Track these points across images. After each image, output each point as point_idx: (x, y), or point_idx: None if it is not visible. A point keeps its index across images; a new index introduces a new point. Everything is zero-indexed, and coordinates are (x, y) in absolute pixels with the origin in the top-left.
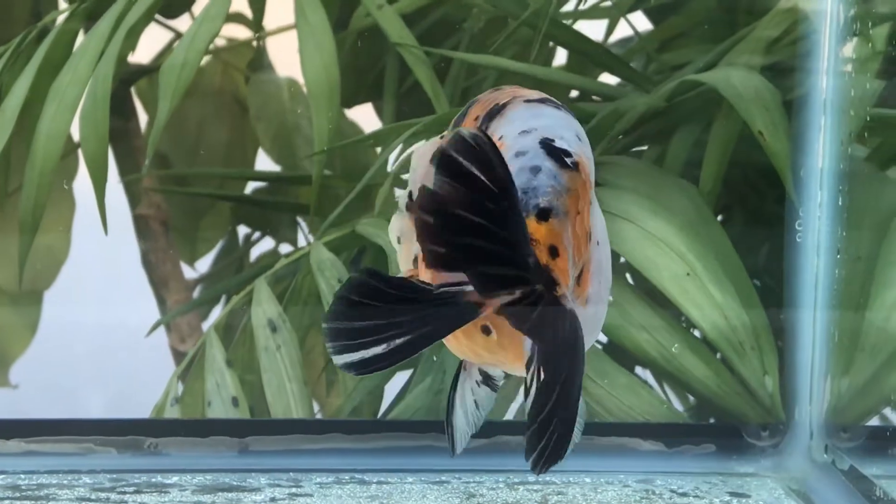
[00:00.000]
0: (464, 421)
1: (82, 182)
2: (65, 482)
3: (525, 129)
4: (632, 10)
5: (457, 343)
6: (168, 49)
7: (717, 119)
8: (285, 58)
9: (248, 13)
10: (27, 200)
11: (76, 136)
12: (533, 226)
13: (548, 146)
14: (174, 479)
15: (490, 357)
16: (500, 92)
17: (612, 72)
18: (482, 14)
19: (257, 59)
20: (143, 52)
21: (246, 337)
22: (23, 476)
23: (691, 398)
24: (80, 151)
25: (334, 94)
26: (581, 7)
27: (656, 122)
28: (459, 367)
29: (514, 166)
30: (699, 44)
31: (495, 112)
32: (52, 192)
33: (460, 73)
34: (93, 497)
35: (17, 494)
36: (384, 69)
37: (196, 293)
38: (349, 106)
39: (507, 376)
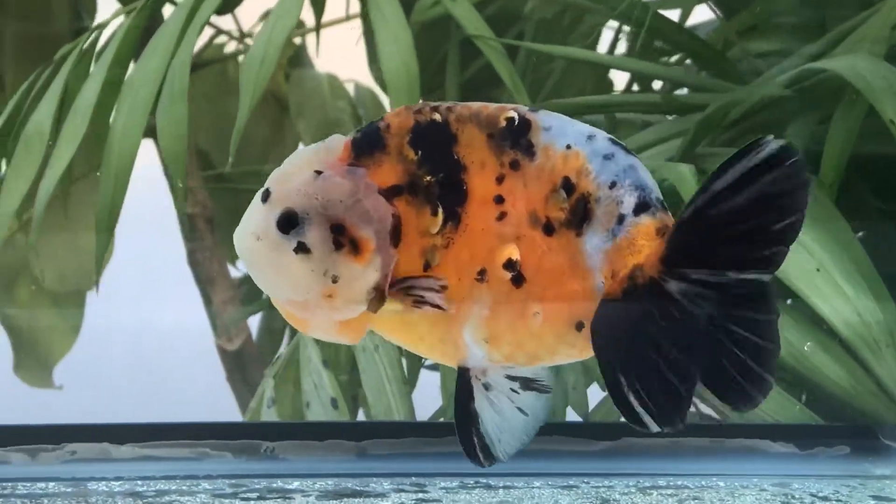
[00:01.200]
0: (502, 429)
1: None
2: (184, 488)
3: (590, 133)
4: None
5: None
6: (209, 45)
7: (839, 108)
8: (325, 54)
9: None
10: (104, 198)
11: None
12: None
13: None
14: (295, 484)
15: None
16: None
17: (702, 60)
18: (546, 5)
19: (297, 56)
20: None
21: None
22: (139, 482)
23: (804, 397)
24: None
25: (414, 86)
26: None
27: (767, 112)
28: (463, 377)
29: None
30: (786, 32)
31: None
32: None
33: (528, 63)
34: (216, 503)
35: (140, 502)
36: (442, 62)
37: (241, 292)
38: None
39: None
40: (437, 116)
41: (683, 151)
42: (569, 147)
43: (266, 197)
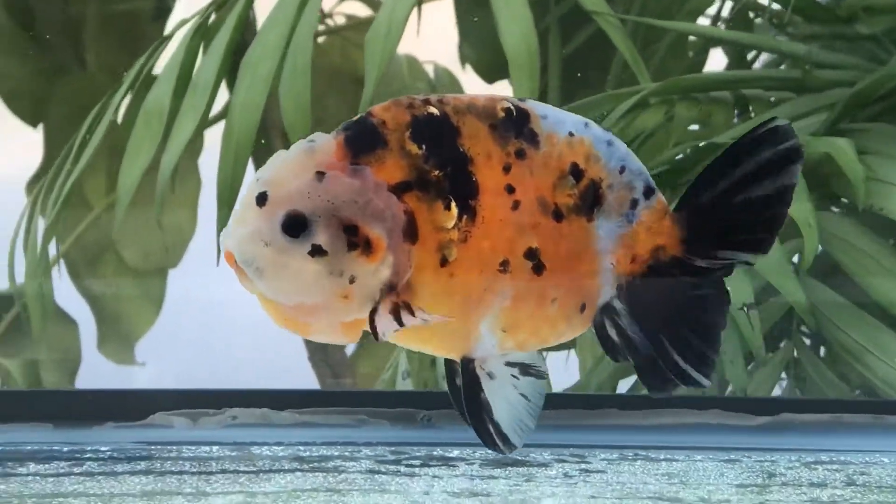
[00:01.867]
0: (512, 415)
1: (207, 159)
2: (346, 454)
3: (584, 121)
4: None
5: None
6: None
7: None
8: (404, 34)
9: None
10: (224, 172)
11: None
12: None
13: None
14: (455, 452)
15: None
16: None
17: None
18: None
19: None
20: None
21: None
22: (301, 448)
23: None
24: (206, 130)
25: (534, 63)
26: None
27: None
28: (468, 368)
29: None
30: None
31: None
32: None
33: (636, 39)
34: (382, 469)
35: (306, 466)
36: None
37: None
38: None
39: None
40: (434, 110)
41: (831, 125)
42: (571, 134)
43: (263, 200)
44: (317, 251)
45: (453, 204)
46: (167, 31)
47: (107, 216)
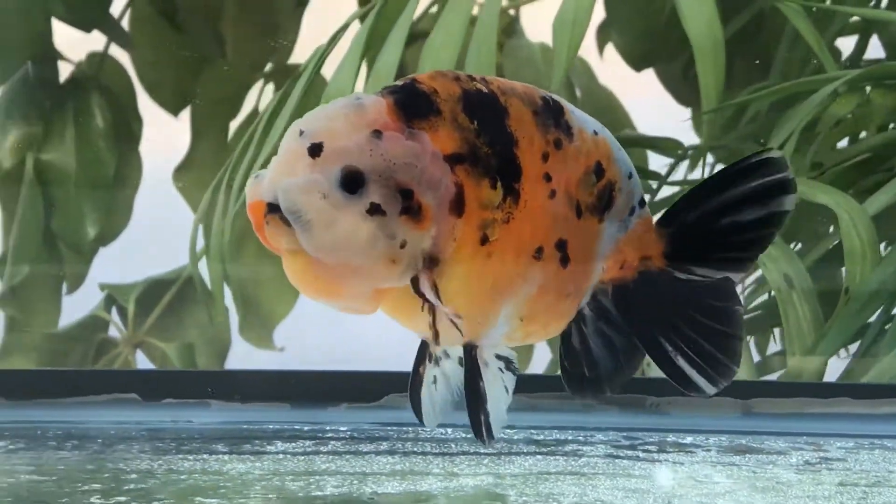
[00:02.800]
0: (498, 408)
1: None
2: (580, 438)
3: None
4: None
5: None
6: (424, 16)
7: None
8: (537, 25)
9: None
10: None
11: None
12: None
13: None
14: (689, 439)
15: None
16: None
17: None
18: None
19: (511, 26)
20: None
21: None
22: (534, 431)
23: None
24: None
25: (719, 51)
26: None
27: None
28: (470, 355)
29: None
30: None
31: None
32: None
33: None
34: (620, 454)
35: (544, 449)
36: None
37: None
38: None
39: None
40: (482, 87)
41: None
42: (595, 133)
43: (317, 151)
44: (375, 210)
45: (499, 183)
46: (305, 21)
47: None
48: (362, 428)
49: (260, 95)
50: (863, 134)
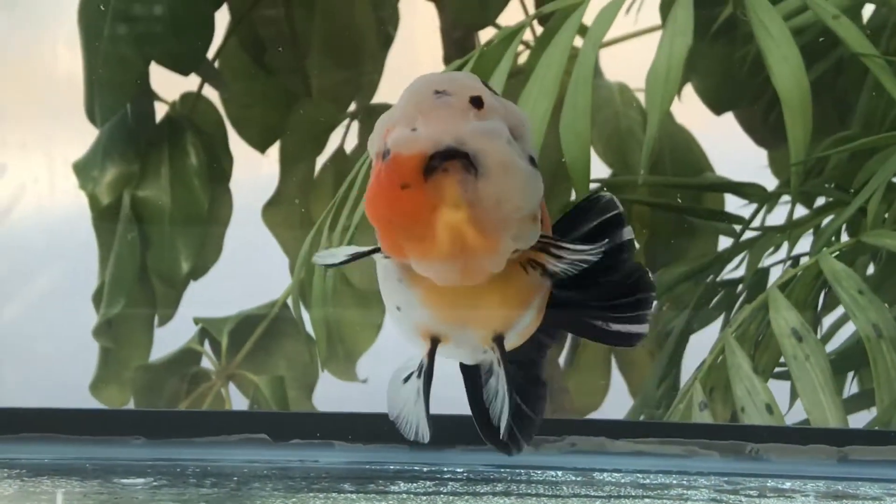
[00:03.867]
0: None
1: None
2: (684, 482)
3: None
4: None
5: None
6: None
7: None
8: (616, 64)
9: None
10: None
11: None
12: None
13: None
14: (788, 484)
15: None
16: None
17: None
18: None
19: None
20: None
21: (766, 344)
22: (640, 475)
23: None
24: None
25: (807, 102)
26: None
27: None
28: (500, 344)
29: None
30: None
31: None
32: None
33: None
34: (723, 499)
35: (651, 493)
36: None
37: None
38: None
39: None
40: None
41: None
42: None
43: (479, 104)
44: (532, 162)
45: None
46: (389, 60)
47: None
48: (476, 469)
49: (346, 133)
50: None
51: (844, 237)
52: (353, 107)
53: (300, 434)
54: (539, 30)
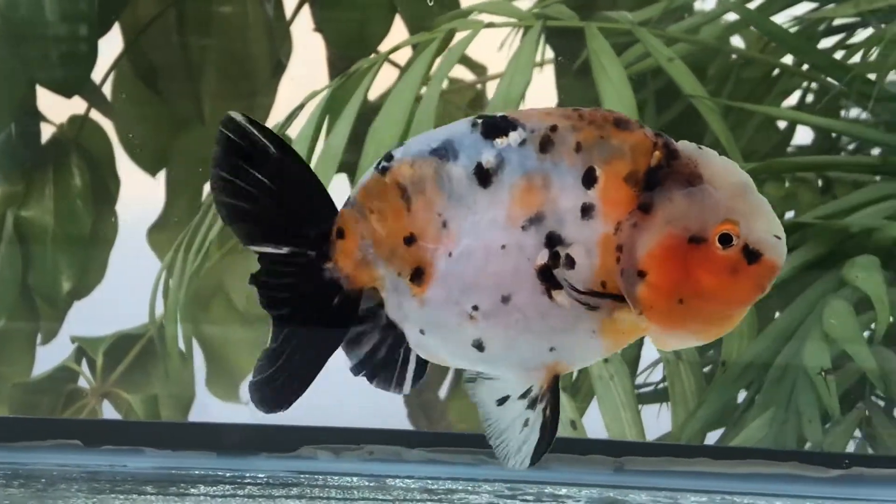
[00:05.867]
0: None
1: None
2: (469, 487)
3: None
4: None
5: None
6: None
7: None
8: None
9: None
10: None
11: None
12: None
13: None
14: (563, 490)
15: None
16: None
17: None
18: (748, 66)
19: (477, 100)
20: None
21: None
22: (430, 481)
23: None
24: None
25: None
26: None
27: None
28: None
29: None
30: None
31: None
32: None
33: (728, 117)
34: (500, 503)
35: (434, 497)
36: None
37: None
38: None
39: None
40: None
41: None
42: None
43: None
44: None
45: None
46: (283, 91)
47: (219, 263)
48: (278, 475)
49: None
50: None
51: None
52: None
53: (112, 441)
54: None
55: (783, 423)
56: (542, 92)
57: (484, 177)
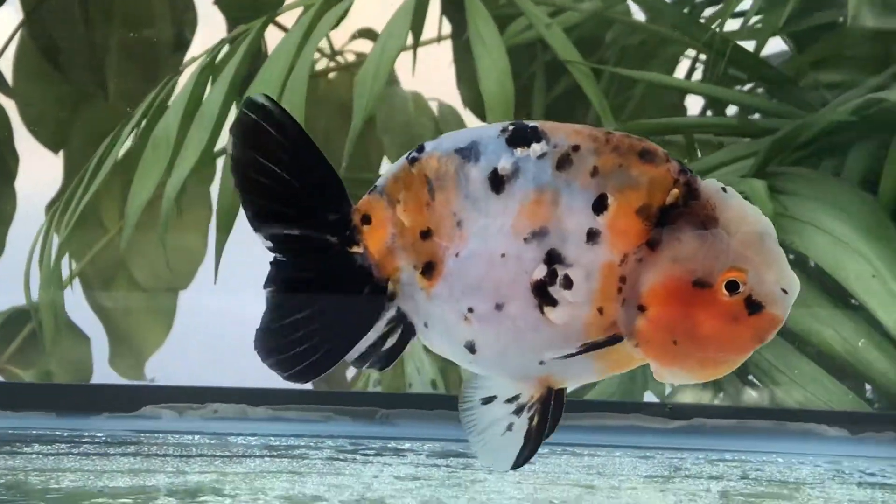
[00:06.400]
0: None
1: (218, 186)
2: (311, 444)
3: None
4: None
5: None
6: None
7: None
8: (409, 73)
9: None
10: (223, 203)
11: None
12: None
13: None
14: (407, 444)
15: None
16: None
17: (774, 88)
18: (629, 34)
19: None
20: None
21: None
22: (273, 438)
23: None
24: (218, 159)
25: (509, 107)
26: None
27: (833, 136)
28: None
29: None
30: (853, 65)
31: None
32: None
33: (610, 87)
34: (340, 457)
35: (274, 453)
36: (526, 83)
37: None
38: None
39: None
40: None
41: (756, 169)
42: None
43: None
44: None
45: None
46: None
47: (120, 238)
48: (117, 434)
49: (131, 134)
50: None
51: None
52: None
53: None
54: None
55: (631, 377)
56: (442, 64)
57: (498, 183)
